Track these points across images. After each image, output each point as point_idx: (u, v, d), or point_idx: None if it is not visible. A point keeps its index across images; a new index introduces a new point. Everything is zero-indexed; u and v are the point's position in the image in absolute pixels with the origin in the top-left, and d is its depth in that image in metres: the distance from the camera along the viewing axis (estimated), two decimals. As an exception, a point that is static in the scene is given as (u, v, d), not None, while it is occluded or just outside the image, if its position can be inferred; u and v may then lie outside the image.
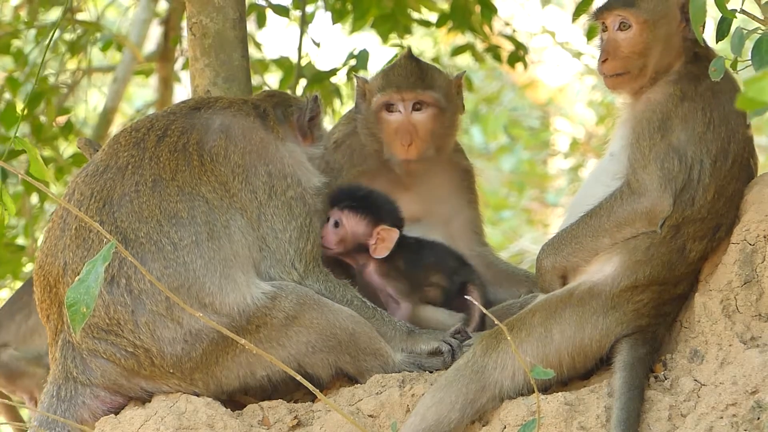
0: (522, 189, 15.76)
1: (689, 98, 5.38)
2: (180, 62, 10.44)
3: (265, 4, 8.99)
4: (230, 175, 5.66)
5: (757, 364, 5.04)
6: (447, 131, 6.28)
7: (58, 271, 5.54)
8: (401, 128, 6.16)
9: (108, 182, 5.58)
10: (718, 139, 5.35)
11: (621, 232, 5.37)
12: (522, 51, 9.34)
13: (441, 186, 6.36)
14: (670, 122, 5.36)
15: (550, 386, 5.34)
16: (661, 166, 5.31)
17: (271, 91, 6.26)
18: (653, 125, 5.37)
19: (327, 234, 5.91)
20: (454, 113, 6.31)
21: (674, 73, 5.47)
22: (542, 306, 5.39)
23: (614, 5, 5.54)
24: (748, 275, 5.26)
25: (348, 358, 5.63)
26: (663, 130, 5.34)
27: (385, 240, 5.94)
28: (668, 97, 5.40)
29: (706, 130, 5.34)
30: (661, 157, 5.32)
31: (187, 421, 5.39)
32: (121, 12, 11.85)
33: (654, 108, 5.40)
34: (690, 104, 5.37)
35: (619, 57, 5.51)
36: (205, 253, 5.47)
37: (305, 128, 6.01)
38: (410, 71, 6.21)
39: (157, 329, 5.43)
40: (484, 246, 6.44)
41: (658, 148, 5.33)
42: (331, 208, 5.95)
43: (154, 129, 5.71)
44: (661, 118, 5.37)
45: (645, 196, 5.33)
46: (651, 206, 5.33)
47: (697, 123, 5.35)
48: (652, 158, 5.33)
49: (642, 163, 5.34)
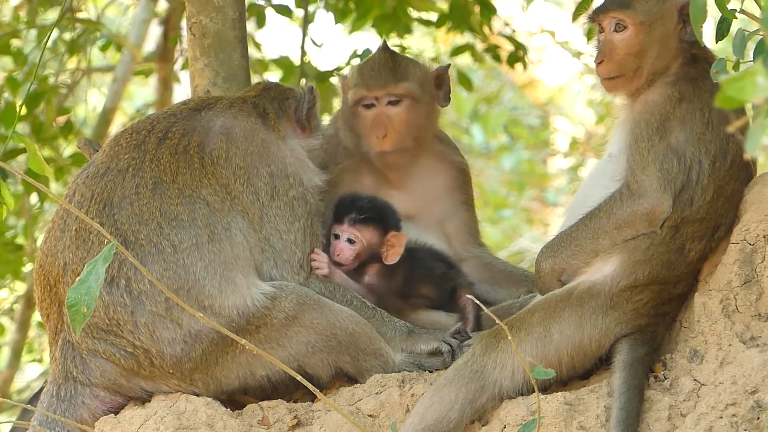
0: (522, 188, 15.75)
1: (687, 99, 5.38)
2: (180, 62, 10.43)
3: (265, 4, 8.99)
4: (232, 177, 5.66)
5: (757, 364, 5.04)
6: (424, 122, 6.26)
7: (58, 271, 5.54)
8: (376, 121, 6.16)
9: (108, 184, 5.57)
10: (716, 140, 5.35)
11: (621, 233, 5.37)
12: (521, 51, 9.33)
13: (434, 184, 6.35)
14: (669, 123, 5.36)
15: (549, 386, 5.34)
16: (660, 167, 5.32)
17: (266, 83, 6.22)
18: (652, 127, 5.37)
19: (342, 251, 5.86)
20: (432, 105, 6.30)
21: (672, 74, 5.47)
22: (541, 306, 5.39)
23: (610, 7, 5.54)
24: (747, 275, 5.26)
25: (348, 358, 5.63)
26: (662, 132, 5.34)
27: (395, 245, 5.94)
28: (666, 98, 5.40)
29: (704, 130, 5.35)
30: (660, 158, 5.32)
31: (187, 421, 5.39)
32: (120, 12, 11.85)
33: (652, 109, 5.40)
34: (688, 105, 5.37)
35: (615, 59, 5.51)
36: (206, 256, 5.47)
37: (303, 120, 6.01)
38: (382, 65, 6.21)
39: (157, 330, 5.43)
40: (480, 247, 6.43)
41: (656, 150, 5.33)
42: (337, 224, 5.92)
43: (155, 131, 5.70)
44: (659, 119, 5.37)
45: (644, 198, 5.33)
46: (651, 207, 5.33)
47: (696, 124, 5.35)
48: (650, 159, 5.33)
49: (641, 164, 5.34)
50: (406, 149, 6.21)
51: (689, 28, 5.41)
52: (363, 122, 6.20)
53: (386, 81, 6.18)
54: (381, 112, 6.17)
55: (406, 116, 6.18)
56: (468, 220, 6.41)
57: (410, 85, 6.18)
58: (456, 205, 6.39)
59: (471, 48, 9.32)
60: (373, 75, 6.19)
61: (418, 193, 6.32)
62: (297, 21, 9.22)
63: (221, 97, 6.02)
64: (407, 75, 6.21)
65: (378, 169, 6.26)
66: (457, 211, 6.39)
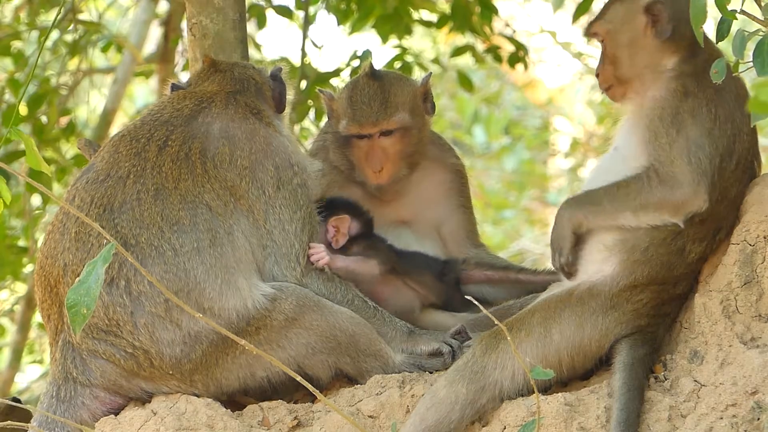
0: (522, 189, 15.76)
1: (692, 94, 5.36)
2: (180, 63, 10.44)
3: (266, 5, 8.99)
4: (237, 179, 5.66)
5: (757, 365, 5.03)
6: (417, 142, 6.22)
7: (58, 271, 5.55)
8: (370, 155, 6.13)
9: (109, 190, 5.58)
10: (724, 137, 5.33)
11: (644, 215, 5.32)
12: (522, 51, 9.34)
13: (428, 189, 6.33)
14: (681, 116, 5.33)
15: (549, 387, 5.34)
16: (689, 161, 5.28)
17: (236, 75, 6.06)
18: (665, 121, 5.34)
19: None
20: (422, 120, 6.25)
21: (672, 69, 5.44)
22: (541, 306, 5.39)
23: (592, 20, 5.60)
24: (748, 276, 5.26)
25: (348, 359, 5.63)
26: (677, 125, 5.31)
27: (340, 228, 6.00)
28: (672, 92, 5.38)
29: (713, 126, 5.32)
30: (685, 152, 5.28)
31: (187, 422, 5.39)
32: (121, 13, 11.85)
33: (662, 105, 5.37)
34: (694, 100, 5.35)
35: (602, 69, 5.55)
36: (207, 260, 5.48)
37: (278, 100, 6.04)
38: (372, 98, 6.12)
39: (156, 331, 5.44)
40: (478, 247, 6.41)
41: (678, 144, 5.29)
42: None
43: (154, 139, 5.69)
44: (670, 113, 5.34)
45: (678, 188, 5.27)
46: (685, 199, 5.28)
47: (704, 118, 5.32)
48: (676, 154, 5.29)
49: (668, 159, 5.29)
50: (403, 175, 6.20)
51: (659, 26, 5.42)
52: (356, 153, 6.17)
53: (378, 117, 6.11)
54: (375, 145, 6.13)
55: (400, 146, 6.15)
56: (465, 222, 6.38)
57: (402, 115, 6.13)
58: (452, 209, 6.37)
59: (472, 48, 9.33)
60: (365, 111, 6.11)
61: (413, 199, 6.30)
62: (297, 22, 9.22)
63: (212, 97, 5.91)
64: (398, 106, 6.13)
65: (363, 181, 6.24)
66: (454, 214, 6.37)
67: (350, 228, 5.99)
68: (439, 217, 6.34)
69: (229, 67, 6.07)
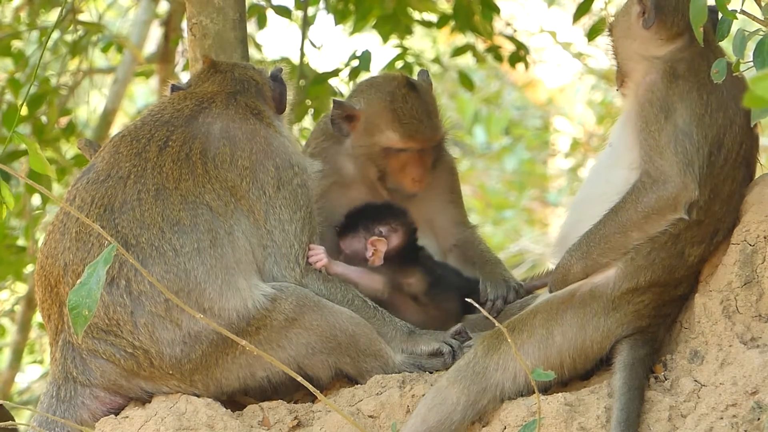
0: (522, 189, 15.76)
1: (683, 77, 5.36)
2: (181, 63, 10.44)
3: (266, 5, 8.99)
4: (237, 179, 5.67)
5: (757, 365, 5.04)
6: None
7: (58, 272, 5.55)
8: (414, 165, 6.16)
9: (109, 190, 5.58)
10: (714, 125, 5.32)
11: (649, 223, 5.31)
12: (523, 51, 9.34)
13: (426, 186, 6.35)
14: (670, 100, 5.33)
15: (550, 387, 5.34)
16: (675, 151, 5.28)
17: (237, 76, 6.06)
18: (655, 106, 5.34)
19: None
20: None
21: (664, 56, 5.45)
22: (544, 307, 5.39)
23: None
24: (748, 276, 5.26)
25: (348, 359, 5.64)
26: (666, 110, 5.31)
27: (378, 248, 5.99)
28: (662, 75, 5.39)
29: (704, 112, 5.31)
30: (673, 140, 5.28)
31: (187, 422, 5.39)
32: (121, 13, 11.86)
33: (652, 88, 5.39)
34: (684, 83, 5.35)
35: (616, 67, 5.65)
36: (207, 261, 5.48)
37: (279, 101, 6.04)
38: (423, 113, 6.16)
39: (156, 330, 5.44)
40: (467, 229, 6.42)
41: (667, 131, 5.29)
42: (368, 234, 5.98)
43: (155, 139, 5.70)
44: (660, 96, 5.35)
45: (668, 183, 5.28)
46: (676, 192, 5.27)
47: (695, 104, 5.31)
48: (664, 143, 5.29)
49: (657, 149, 5.29)
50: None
51: (648, 15, 5.45)
52: (393, 163, 6.17)
53: (434, 132, 6.18)
54: (423, 156, 6.18)
55: (437, 153, 6.24)
56: (456, 215, 6.42)
57: (444, 126, 6.25)
58: (444, 205, 6.40)
59: (472, 48, 9.33)
60: (419, 127, 6.14)
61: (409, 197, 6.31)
62: (297, 22, 9.22)
63: (212, 97, 5.92)
64: (440, 117, 6.24)
65: (369, 184, 6.24)
66: (446, 208, 6.41)
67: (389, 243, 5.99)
68: (431, 212, 6.36)
69: (230, 68, 6.07)
